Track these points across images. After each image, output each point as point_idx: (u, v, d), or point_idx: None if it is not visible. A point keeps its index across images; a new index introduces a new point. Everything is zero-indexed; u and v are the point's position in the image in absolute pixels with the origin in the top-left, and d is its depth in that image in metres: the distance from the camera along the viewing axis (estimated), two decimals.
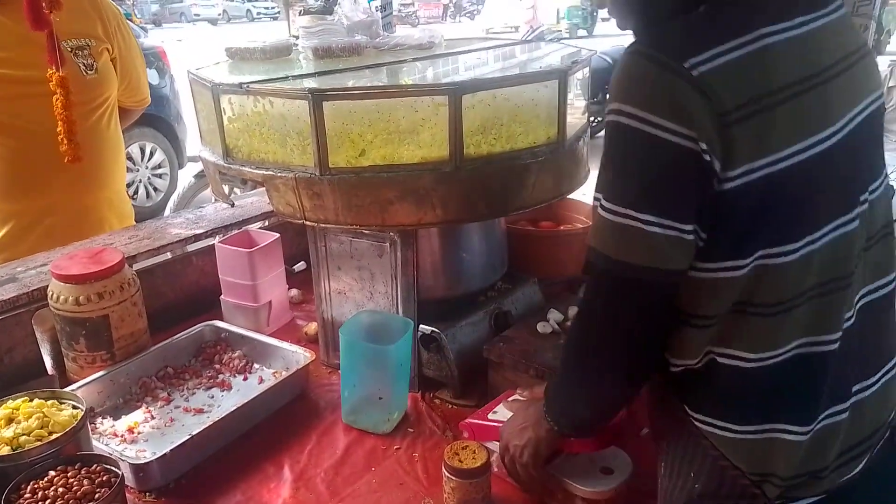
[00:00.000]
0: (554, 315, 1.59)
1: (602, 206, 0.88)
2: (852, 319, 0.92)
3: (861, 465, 0.96)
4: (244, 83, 1.38)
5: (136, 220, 2.32)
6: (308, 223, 1.45)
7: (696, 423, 0.95)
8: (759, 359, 0.90)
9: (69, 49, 1.99)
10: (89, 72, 2.05)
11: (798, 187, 0.85)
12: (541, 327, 1.55)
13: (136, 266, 1.82)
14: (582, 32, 18.69)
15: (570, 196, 1.67)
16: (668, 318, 0.93)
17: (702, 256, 0.87)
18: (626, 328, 0.93)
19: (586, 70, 1.70)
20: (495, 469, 1.28)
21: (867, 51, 0.94)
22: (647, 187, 0.85)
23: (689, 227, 0.84)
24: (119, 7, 2.24)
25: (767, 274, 0.86)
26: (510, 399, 1.35)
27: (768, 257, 0.86)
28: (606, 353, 0.97)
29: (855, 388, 0.94)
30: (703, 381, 0.94)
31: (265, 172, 1.42)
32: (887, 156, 1.02)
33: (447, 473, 1.21)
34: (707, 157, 0.81)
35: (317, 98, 1.29)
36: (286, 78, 1.51)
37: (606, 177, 0.88)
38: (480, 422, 1.33)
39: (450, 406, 1.54)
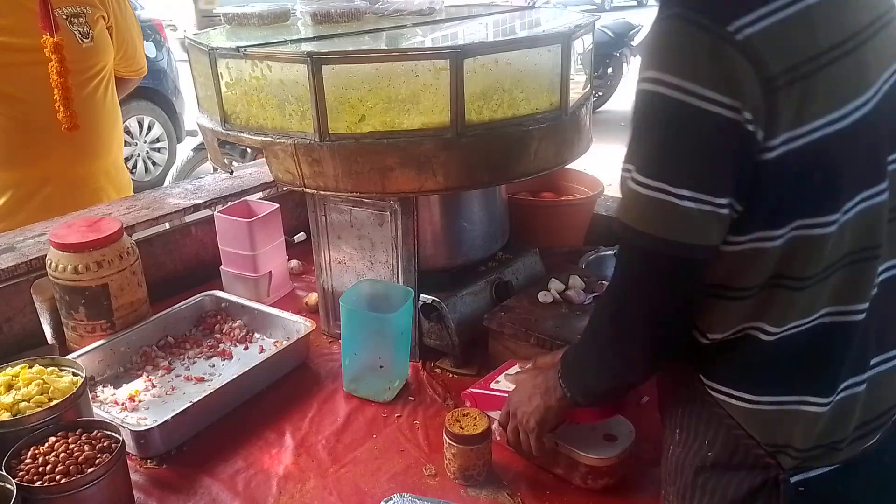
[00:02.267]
0: (555, 285, 1.58)
1: (633, 178, 0.84)
2: (875, 291, 0.90)
3: (875, 439, 0.94)
4: (242, 47, 1.36)
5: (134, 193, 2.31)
6: (307, 190, 1.44)
7: (711, 392, 0.93)
8: (782, 330, 0.88)
9: (64, 16, 1.96)
10: (85, 40, 2.02)
11: (837, 155, 0.81)
12: (542, 297, 1.54)
13: (136, 236, 1.80)
14: None
15: (572, 166, 1.66)
16: (695, 294, 0.91)
17: (737, 228, 0.84)
18: (653, 303, 0.91)
19: (589, 39, 1.67)
20: (497, 437, 1.28)
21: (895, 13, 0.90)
22: (685, 161, 0.81)
23: (724, 202, 0.81)
24: None
25: (804, 246, 0.84)
26: (512, 371, 1.34)
27: (805, 228, 0.83)
28: (633, 326, 0.95)
29: (873, 362, 0.92)
30: (722, 352, 0.92)
31: (264, 139, 1.40)
32: None
33: (448, 440, 1.21)
34: (750, 128, 0.77)
35: (316, 62, 1.27)
36: (284, 42, 1.49)
37: (639, 149, 0.84)
38: (483, 391, 1.32)
39: (450, 375, 1.54)
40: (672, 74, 0.78)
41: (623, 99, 8.73)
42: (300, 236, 2.18)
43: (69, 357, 1.40)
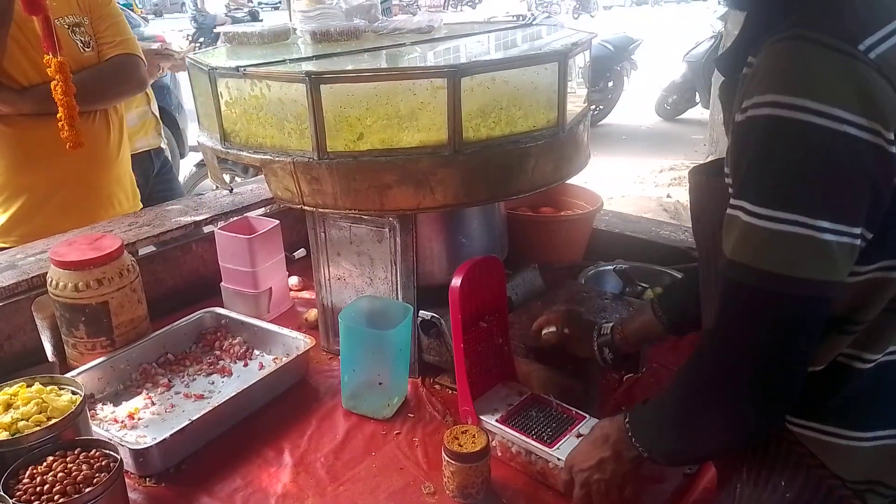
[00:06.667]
0: None
1: (751, 212, 0.78)
2: None
3: None
4: (241, 66, 1.37)
5: None
6: (306, 208, 1.45)
7: (793, 430, 0.89)
8: (880, 356, 0.84)
9: (66, 26, 2.00)
10: (86, 49, 2.05)
11: None
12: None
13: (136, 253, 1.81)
14: None
15: (571, 181, 1.66)
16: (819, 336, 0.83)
17: (864, 257, 0.80)
18: (782, 353, 0.82)
19: (587, 55, 1.68)
20: (497, 455, 1.28)
21: None
22: (823, 189, 0.75)
23: (857, 231, 0.77)
24: None
25: None
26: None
27: None
28: (753, 382, 0.84)
29: None
30: (812, 385, 0.86)
31: (263, 157, 1.41)
32: None
33: (447, 457, 1.20)
34: (893, 150, 0.74)
35: (314, 81, 1.28)
36: (283, 61, 1.50)
37: (761, 180, 0.78)
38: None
39: (450, 391, 1.53)
40: (803, 97, 0.73)
41: (623, 112, 8.77)
42: (300, 253, 2.19)
43: (69, 375, 1.40)
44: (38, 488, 1.06)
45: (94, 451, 1.14)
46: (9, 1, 1.77)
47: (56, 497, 1.04)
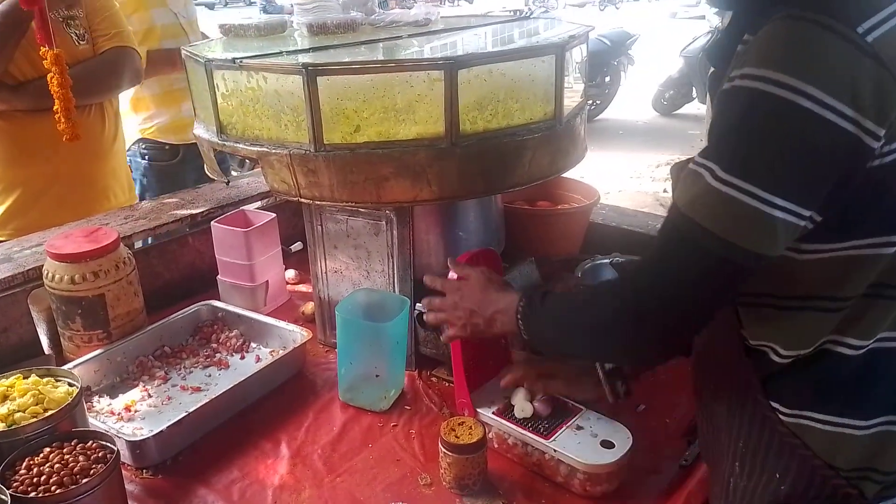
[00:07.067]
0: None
1: (717, 176, 0.79)
2: None
3: None
4: (237, 58, 1.37)
5: None
6: (303, 200, 1.44)
7: (786, 420, 0.89)
8: (869, 343, 0.84)
9: (61, 19, 1.99)
10: (81, 42, 2.04)
11: None
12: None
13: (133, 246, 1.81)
14: None
15: (567, 176, 1.66)
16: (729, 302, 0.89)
17: (837, 234, 0.81)
18: (692, 303, 0.86)
19: (584, 48, 1.68)
20: (494, 446, 1.28)
21: None
22: (789, 169, 0.76)
23: (807, 213, 0.78)
24: None
25: None
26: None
27: None
28: (659, 319, 0.88)
29: None
30: (802, 373, 0.88)
31: (260, 149, 1.41)
32: None
33: (443, 449, 1.21)
34: (868, 141, 0.74)
35: (311, 73, 1.28)
36: (280, 53, 1.50)
37: (730, 147, 0.79)
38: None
39: (446, 384, 1.53)
40: (791, 76, 0.73)
41: (620, 107, 8.77)
42: (297, 246, 2.19)
43: (65, 367, 1.40)
44: (34, 479, 1.05)
45: (90, 442, 1.14)
46: (27, 13, 1.75)
47: (53, 488, 1.04)
